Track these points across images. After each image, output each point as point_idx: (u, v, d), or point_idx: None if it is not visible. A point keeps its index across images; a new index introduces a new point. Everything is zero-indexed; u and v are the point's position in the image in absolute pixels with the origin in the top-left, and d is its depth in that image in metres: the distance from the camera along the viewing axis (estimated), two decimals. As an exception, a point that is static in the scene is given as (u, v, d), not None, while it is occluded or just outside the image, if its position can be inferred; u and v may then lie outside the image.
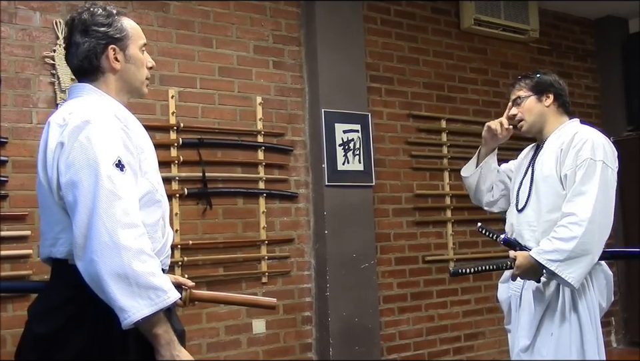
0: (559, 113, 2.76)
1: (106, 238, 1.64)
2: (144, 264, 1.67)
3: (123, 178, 1.72)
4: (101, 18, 1.90)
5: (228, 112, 4.09)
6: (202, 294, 2.09)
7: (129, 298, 1.64)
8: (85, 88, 1.91)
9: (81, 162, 1.71)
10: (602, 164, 2.54)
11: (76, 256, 1.69)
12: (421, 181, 4.93)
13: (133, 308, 1.64)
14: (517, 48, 5.61)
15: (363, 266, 4.36)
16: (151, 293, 1.67)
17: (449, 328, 4.94)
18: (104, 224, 1.65)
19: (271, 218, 4.19)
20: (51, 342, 1.74)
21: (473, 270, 2.68)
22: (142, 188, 1.81)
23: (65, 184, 1.72)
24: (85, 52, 1.89)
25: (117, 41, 1.91)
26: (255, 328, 4.05)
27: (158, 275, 1.70)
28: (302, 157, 4.37)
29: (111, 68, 1.91)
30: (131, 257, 1.65)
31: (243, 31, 4.20)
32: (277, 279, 4.19)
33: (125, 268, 1.64)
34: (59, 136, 1.77)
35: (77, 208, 1.69)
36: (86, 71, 1.91)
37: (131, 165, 1.78)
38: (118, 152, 1.74)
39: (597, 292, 2.62)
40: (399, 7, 4.95)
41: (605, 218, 2.53)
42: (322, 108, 4.30)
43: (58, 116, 1.83)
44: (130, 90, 1.98)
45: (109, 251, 1.64)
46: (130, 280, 1.64)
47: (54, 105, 3.48)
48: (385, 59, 4.83)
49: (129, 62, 1.94)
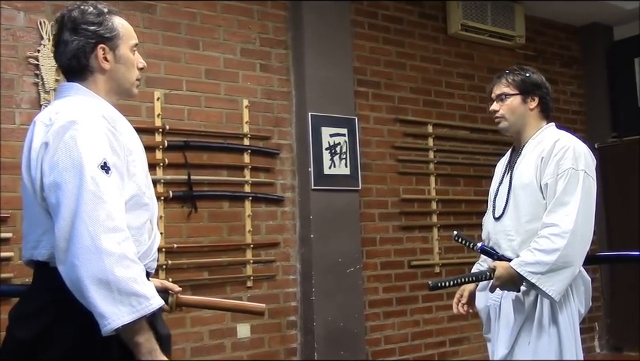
0: (540, 117, 2.68)
1: (88, 242, 1.61)
2: (126, 269, 1.63)
3: (108, 180, 1.69)
4: (91, 17, 1.87)
5: (214, 115, 4.07)
6: (188, 299, 2.06)
7: (109, 304, 1.60)
8: (73, 87, 1.88)
9: (65, 163, 1.67)
10: (584, 173, 2.49)
11: (57, 259, 1.65)
12: (407, 186, 4.93)
13: (114, 314, 1.60)
14: (503, 54, 5.63)
15: (349, 271, 4.35)
16: (133, 300, 1.63)
17: (434, 332, 4.94)
18: (87, 227, 1.62)
19: (256, 221, 4.17)
20: (33, 345, 1.70)
21: (452, 282, 2.64)
22: (128, 191, 1.78)
23: (48, 185, 1.68)
24: (73, 51, 1.85)
25: (107, 41, 1.87)
26: (240, 332, 4.02)
27: (141, 281, 1.66)
28: (288, 160, 4.36)
29: (100, 68, 1.88)
30: (113, 262, 1.61)
31: (229, 34, 4.18)
32: (262, 283, 4.17)
33: (107, 273, 1.60)
34: (43, 135, 1.73)
35: (59, 210, 1.65)
36: (75, 70, 1.88)
37: (117, 167, 1.74)
38: (103, 153, 1.71)
39: (577, 300, 2.58)
40: (387, 12, 4.96)
41: (586, 229, 2.48)
42: (309, 112, 4.28)
43: (44, 116, 1.79)
44: (119, 91, 1.95)
45: (91, 255, 1.61)
46: (111, 286, 1.61)
47: (37, 106, 3.44)
48: (372, 63, 4.84)
49: (119, 62, 1.90)
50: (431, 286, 2.59)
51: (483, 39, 5.41)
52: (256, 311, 2.16)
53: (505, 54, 5.64)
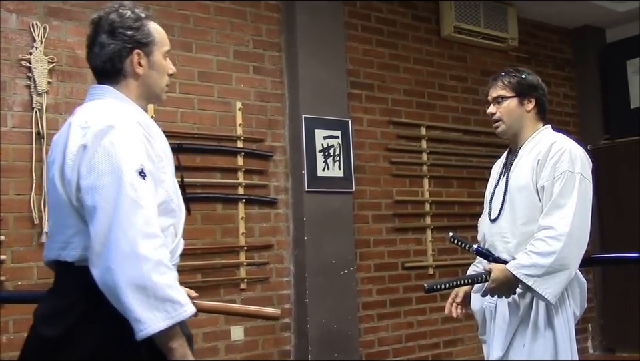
0: (536, 119, 2.68)
1: (126, 247, 1.61)
2: (162, 275, 1.64)
3: (145, 186, 1.69)
4: (129, 21, 1.86)
5: (207, 117, 4.06)
6: (203, 304, 2.07)
7: (145, 309, 1.61)
8: (106, 90, 1.87)
9: (104, 166, 1.67)
10: (580, 176, 2.48)
11: (91, 262, 1.65)
12: (401, 187, 4.94)
13: (150, 320, 1.61)
14: (496, 56, 5.65)
15: (342, 273, 4.35)
16: (168, 306, 1.64)
17: (428, 334, 4.95)
18: (125, 232, 1.62)
19: (250, 224, 4.16)
20: (58, 344, 1.69)
21: (448, 285, 2.63)
22: (159, 197, 1.77)
23: (85, 188, 1.68)
24: (109, 54, 1.85)
25: (143, 46, 1.88)
26: (233, 334, 4.01)
27: (175, 287, 1.68)
28: (282, 163, 4.36)
29: (133, 73, 1.88)
30: (151, 268, 1.62)
31: (223, 36, 4.18)
32: (256, 285, 4.16)
33: (144, 279, 1.61)
34: (81, 138, 1.72)
35: (96, 214, 1.65)
36: (108, 73, 1.88)
37: (152, 173, 1.74)
38: (141, 159, 1.71)
39: (572, 302, 2.58)
40: (380, 14, 4.96)
41: (583, 232, 2.47)
42: (302, 114, 4.29)
43: (79, 118, 1.78)
44: (149, 96, 1.95)
45: (129, 261, 1.61)
46: (148, 292, 1.61)
47: (29, 108, 3.43)
48: (366, 66, 4.84)
49: (152, 68, 1.90)
50: (427, 288, 2.57)
51: (476, 41, 5.43)
52: (270, 316, 2.18)
53: (497, 57, 5.66)
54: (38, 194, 3.40)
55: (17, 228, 3.36)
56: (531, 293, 2.50)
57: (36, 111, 3.44)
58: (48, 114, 3.47)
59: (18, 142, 3.40)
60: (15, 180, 3.37)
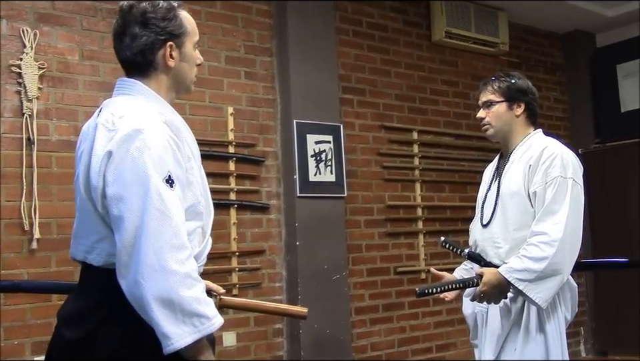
0: (527, 124, 2.68)
1: (153, 260, 1.58)
2: (190, 289, 1.61)
3: (173, 195, 1.64)
4: (163, 12, 1.79)
5: (199, 123, 4.06)
6: (232, 300, 2.04)
7: (172, 324, 1.59)
8: (135, 86, 1.81)
9: (131, 175, 1.62)
10: (572, 181, 2.49)
11: (118, 272, 1.62)
12: (393, 192, 4.94)
13: (177, 335, 1.59)
14: (487, 61, 5.67)
15: (335, 278, 4.34)
16: (195, 320, 1.62)
17: (421, 339, 4.95)
18: (152, 245, 1.58)
19: (242, 229, 4.16)
20: (80, 346, 1.68)
21: (439, 289, 2.64)
22: (187, 201, 1.74)
23: (111, 197, 1.63)
24: (141, 46, 1.77)
25: (175, 38, 1.80)
26: (226, 340, 4.00)
27: (203, 301, 1.65)
28: (273, 168, 4.35)
29: (165, 66, 1.81)
30: (178, 282, 1.59)
31: (214, 41, 4.18)
32: (248, 291, 4.15)
33: (171, 293, 1.58)
34: (107, 142, 1.66)
35: (122, 224, 1.61)
36: (138, 66, 1.80)
37: (180, 179, 1.70)
38: (168, 166, 1.66)
39: (564, 306, 2.58)
40: (371, 19, 4.98)
41: (575, 237, 2.48)
42: (294, 119, 4.29)
43: (106, 119, 1.71)
44: (179, 88, 1.89)
45: (156, 274, 1.58)
46: (175, 306, 1.59)
47: (20, 114, 3.42)
48: (357, 71, 4.85)
49: (183, 60, 1.84)
50: (419, 293, 2.58)
51: (467, 46, 5.44)
52: (299, 315, 2.16)
53: (488, 61, 5.68)
54: (28, 201, 3.38)
55: (7, 234, 3.34)
56: (523, 297, 2.50)
57: (26, 117, 3.42)
58: (38, 120, 3.46)
59: (8, 148, 3.38)
60: (5, 186, 3.36)
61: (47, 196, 3.45)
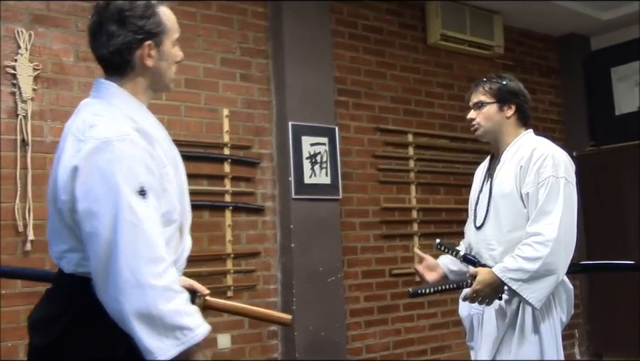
0: (518, 125, 2.69)
1: (129, 276, 1.55)
2: (170, 302, 1.58)
3: (146, 206, 1.61)
4: (140, 10, 1.73)
5: (194, 125, 4.06)
6: (217, 302, 2.03)
7: (154, 338, 1.57)
8: (110, 88, 1.77)
9: (100, 189, 1.58)
10: (564, 180, 2.50)
11: (97, 288, 1.60)
12: (388, 194, 4.94)
13: (159, 349, 1.57)
14: (483, 64, 5.68)
15: (330, 280, 4.34)
16: (178, 333, 1.59)
17: (416, 341, 4.95)
18: (127, 260, 1.55)
19: (237, 231, 4.15)
20: (47, 352, 1.67)
21: (432, 290, 2.65)
22: (162, 208, 1.70)
23: (82, 212, 1.59)
24: (117, 45, 1.72)
25: (154, 36, 1.75)
26: (220, 342, 3.99)
27: (184, 312, 1.62)
28: (269, 170, 4.35)
29: (142, 65, 1.76)
30: (157, 296, 1.57)
31: (209, 43, 4.18)
32: (243, 293, 4.14)
33: (150, 308, 1.56)
34: (75, 154, 1.62)
35: (95, 240, 1.58)
36: (115, 65, 1.76)
37: (154, 188, 1.65)
38: (140, 177, 1.61)
39: (559, 308, 2.59)
40: (367, 22, 4.98)
41: (569, 236, 2.49)
42: (289, 121, 4.28)
43: (78, 127, 1.68)
44: (157, 87, 1.86)
45: (133, 290, 1.55)
46: (156, 321, 1.56)
47: (14, 116, 3.41)
48: (353, 73, 4.85)
49: (162, 59, 1.80)
50: (411, 293, 2.59)
51: (462, 49, 5.46)
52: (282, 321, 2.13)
53: (484, 64, 5.69)
54: (22, 202, 3.37)
55: (1, 236, 3.32)
56: (517, 297, 2.51)
57: (21, 118, 3.41)
58: (33, 121, 3.45)
59: (2, 150, 3.37)
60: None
61: (42, 198, 3.43)
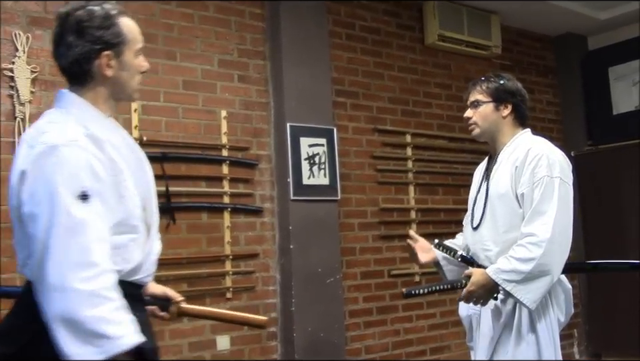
0: (514, 125, 2.68)
1: (55, 280, 1.55)
2: (94, 308, 1.55)
3: (87, 211, 1.61)
4: (98, 20, 1.76)
5: (192, 126, 4.05)
6: (191, 308, 2.04)
7: (75, 345, 1.54)
8: (68, 98, 1.79)
9: (42, 193, 1.60)
10: (559, 180, 2.49)
11: (36, 290, 1.62)
12: (386, 195, 4.95)
13: (78, 355, 1.54)
14: (480, 64, 5.69)
15: (329, 281, 4.34)
16: (99, 341, 1.55)
17: (415, 342, 4.95)
18: (55, 263, 1.55)
19: (235, 232, 4.15)
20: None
21: (427, 290, 2.65)
22: (116, 215, 1.70)
23: (26, 215, 1.63)
24: (76, 55, 1.75)
25: (113, 47, 1.78)
26: (219, 344, 3.99)
27: (112, 320, 1.57)
28: (267, 171, 4.35)
29: (102, 75, 1.79)
30: (81, 301, 1.54)
31: (207, 45, 4.18)
32: (242, 294, 4.14)
33: (72, 313, 1.54)
34: (23, 160, 1.66)
35: (34, 243, 1.60)
36: (75, 75, 1.79)
37: (101, 194, 1.66)
38: (83, 182, 1.62)
39: (556, 308, 2.59)
40: (364, 23, 4.99)
41: (564, 237, 2.48)
42: (287, 123, 4.29)
43: (30, 134, 1.72)
44: (119, 97, 1.88)
45: (57, 294, 1.54)
46: (77, 326, 1.54)
47: (12, 118, 3.41)
48: (350, 74, 4.85)
49: (122, 69, 1.82)
50: (405, 293, 2.60)
51: (460, 49, 5.46)
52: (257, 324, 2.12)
53: (481, 64, 5.69)
54: (21, 205, 3.36)
55: (2, 238, 3.32)
56: (512, 298, 2.51)
57: (19, 121, 3.41)
58: (31, 123, 3.44)
59: (1, 152, 3.37)
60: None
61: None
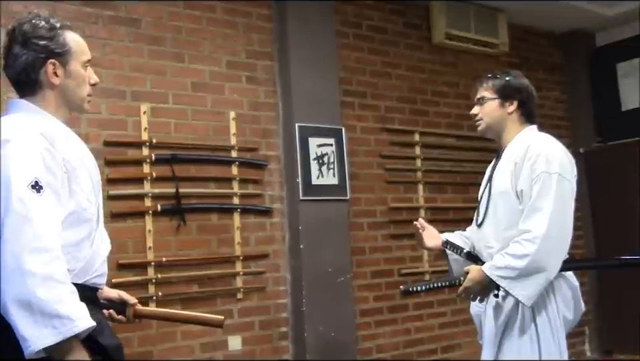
0: (520, 121, 2.68)
1: (11, 264, 1.61)
2: (50, 290, 1.61)
3: (39, 199, 1.68)
4: (43, 31, 1.85)
5: (201, 128, 4.07)
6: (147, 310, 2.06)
7: (30, 326, 1.59)
8: (19, 104, 1.88)
9: None
10: (558, 176, 2.47)
11: None
12: (395, 194, 4.95)
13: (34, 337, 1.59)
14: (488, 62, 5.67)
15: (339, 280, 4.35)
16: (56, 322, 1.60)
17: (426, 340, 4.94)
18: (11, 248, 1.62)
19: (245, 233, 4.16)
20: None
21: (425, 287, 2.65)
22: (67, 208, 1.77)
23: None
24: (22, 65, 1.84)
25: (58, 56, 1.87)
26: (231, 344, 4.00)
27: (67, 302, 1.64)
28: (276, 172, 4.36)
29: (49, 83, 1.87)
30: (37, 283, 1.60)
31: (215, 46, 4.19)
32: (253, 295, 4.16)
33: (29, 295, 1.59)
34: None
35: None
36: (24, 84, 1.88)
37: (52, 186, 1.73)
38: (35, 172, 1.70)
39: (562, 305, 2.57)
40: (371, 22, 4.99)
41: (561, 233, 2.47)
42: (296, 123, 4.29)
43: None
44: (70, 106, 1.95)
45: (14, 277, 1.60)
46: (33, 308, 1.59)
47: None
48: (358, 73, 4.86)
49: (69, 77, 1.90)
50: (403, 291, 2.61)
51: (467, 47, 5.45)
52: (214, 323, 2.09)
53: (489, 62, 5.67)
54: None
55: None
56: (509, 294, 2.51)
57: None
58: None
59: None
60: None
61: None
